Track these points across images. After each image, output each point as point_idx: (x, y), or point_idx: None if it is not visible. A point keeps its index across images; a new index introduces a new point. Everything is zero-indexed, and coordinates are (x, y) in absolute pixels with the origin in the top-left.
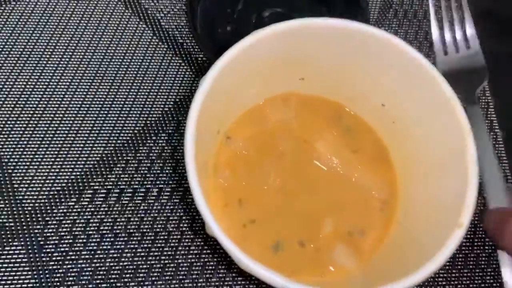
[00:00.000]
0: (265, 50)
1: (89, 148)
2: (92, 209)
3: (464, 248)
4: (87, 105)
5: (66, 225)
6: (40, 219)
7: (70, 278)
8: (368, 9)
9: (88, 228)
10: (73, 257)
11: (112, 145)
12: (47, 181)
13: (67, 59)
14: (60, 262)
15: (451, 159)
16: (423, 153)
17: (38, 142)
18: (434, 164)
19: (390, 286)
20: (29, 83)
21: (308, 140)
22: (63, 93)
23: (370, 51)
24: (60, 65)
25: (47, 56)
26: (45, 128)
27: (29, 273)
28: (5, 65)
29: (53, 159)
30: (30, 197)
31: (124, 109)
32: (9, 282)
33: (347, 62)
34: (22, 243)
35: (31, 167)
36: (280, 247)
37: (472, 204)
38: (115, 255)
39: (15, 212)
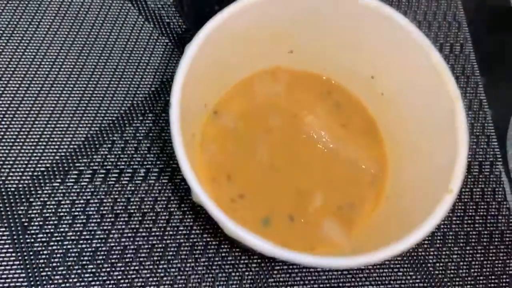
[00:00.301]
0: (252, 18)
1: (74, 128)
2: (78, 190)
3: (455, 226)
4: (72, 85)
5: (50, 206)
6: (23, 200)
7: (56, 260)
8: None
9: (73, 209)
10: (58, 238)
11: (98, 125)
12: (31, 162)
13: (50, 40)
14: (45, 244)
15: (441, 127)
16: (412, 123)
17: (22, 122)
18: (424, 134)
19: (384, 250)
20: (11, 63)
21: (297, 115)
22: (46, 73)
23: (359, 20)
24: (43, 46)
25: (29, 37)
26: (29, 107)
27: (13, 254)
28: None
29: (37, 139)
30: (14, 177)
31: (109, 89)
32: None
33: (335, 33)
34: (6, 224)
35: (14, 147)
36: (270, 221)
37: (462, 171)
38: (101, 236)
39: None
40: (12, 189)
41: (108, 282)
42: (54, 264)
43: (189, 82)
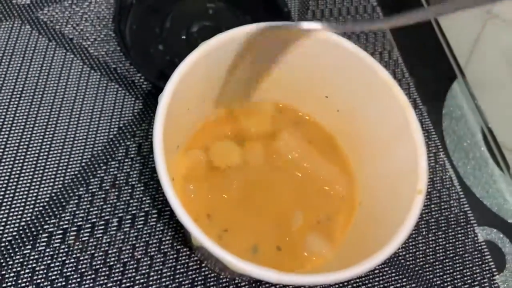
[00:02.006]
0: (212, 60)
1: (36, 190)
2: (51, 253)
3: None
4: (25, 146)
5: (25, 275)
6: None
7: None
8: (290, 13)
9: (50, 274)
10: None
11: (60, 182)
12: None
13: None
14: None
15: (397, 134)
16: (370, 135)
17: None
18: (382, 143)
19: (371, 259)
20: None
21: (264, 142)
22: None
23: (310, 50)
24: None
25: None
26: None
27: None
28: None
29: None
30: None
31: (66, 143)
32: None
33: (288, 62)
34: None
35: None
36: (258, 249)
37: (425, 171)
38: None
39: None
40: None
41: None
42: None
43: (165, 129)
